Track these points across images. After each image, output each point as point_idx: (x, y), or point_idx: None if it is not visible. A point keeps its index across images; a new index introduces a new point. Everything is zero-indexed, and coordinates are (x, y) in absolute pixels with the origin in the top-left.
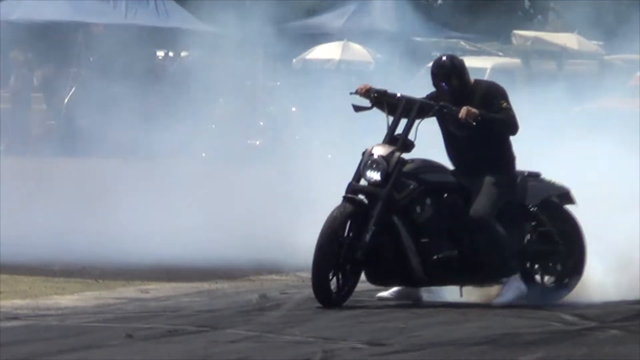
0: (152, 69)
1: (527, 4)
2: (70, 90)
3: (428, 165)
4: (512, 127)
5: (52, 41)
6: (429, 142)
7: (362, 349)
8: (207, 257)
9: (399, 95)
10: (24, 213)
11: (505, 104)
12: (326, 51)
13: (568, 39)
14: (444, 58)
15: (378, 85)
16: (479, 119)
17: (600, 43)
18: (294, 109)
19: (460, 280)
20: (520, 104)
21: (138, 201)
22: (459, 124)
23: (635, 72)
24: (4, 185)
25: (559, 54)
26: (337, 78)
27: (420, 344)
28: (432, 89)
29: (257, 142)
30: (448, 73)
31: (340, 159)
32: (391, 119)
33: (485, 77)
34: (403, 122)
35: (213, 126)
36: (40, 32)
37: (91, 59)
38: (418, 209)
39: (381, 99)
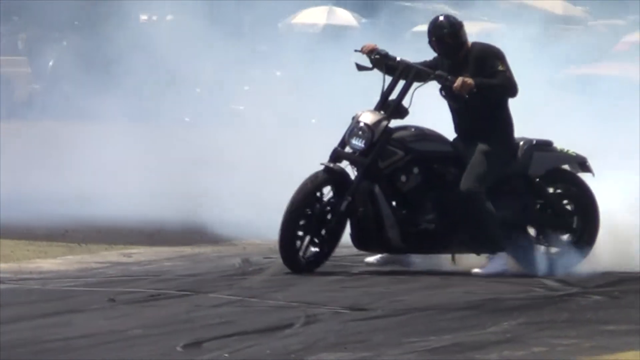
0: (137, 33)
1: None
2: (54, 54)
3: (421, 134)
4: (511, 90)
5: (37, 5)
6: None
7: (344, 313)
8: (189, 221)
9: (398, 59)
10: (5, 176)
11: (501, 65)
12: (311, 15)
13: (553, 4)
14: (441, 17)
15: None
16: (474, 91)
17: (586, 8)
18: (278, 73)
19: (440, 250)
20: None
21: (121, 165)
22: (453, 94)
23: (621, 38)
24: None
25: (544, 18)
26: (322, 42)
27: (403, 309)
28: (418, 54)
29: (241, 107)
30: (443, 33)
31: (324, 123)
32: (387, 83)
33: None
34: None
35: (198, 90)
36: None
37: (76, 23)
38: (403, 178)
39: (381, 61)
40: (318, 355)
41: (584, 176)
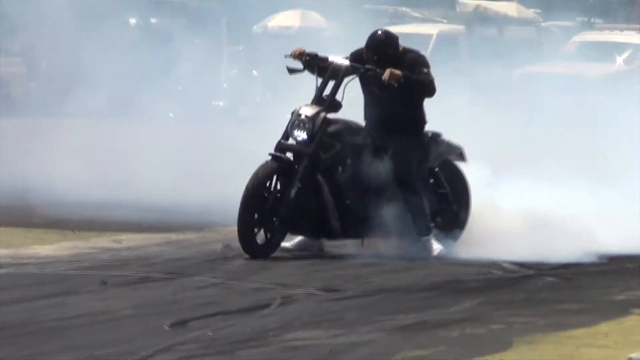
0: (126, 36)
1: None
2: (49, 54)
3: (349, 127)
4: (431, 90)
5: (32, 8)
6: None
7: (318, 294)
8: (175, 209)
9: (329, 58)
10: (2, 170)
11: (426, 70)
12: (285, 18)
13: (508, 7)
14: (379, 32)
15: (333, 49)
16: (402, 81)
17: (538, 10)
18: (254, 72)
19: (374, 235)
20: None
21: (111, 158)
22: (382, 85)
23: (571, 38)
24: None
25: (500, 20)
26: (296, 44)
27: (372, 290)
28: None
29: (221, 103)
30: (381, 46)
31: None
32: (320, 80)
33: (431, 43)
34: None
35: (180, 88)
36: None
37: (68, 26)
38: (340, 168)
39: (312, 62)
40: (294, 333)
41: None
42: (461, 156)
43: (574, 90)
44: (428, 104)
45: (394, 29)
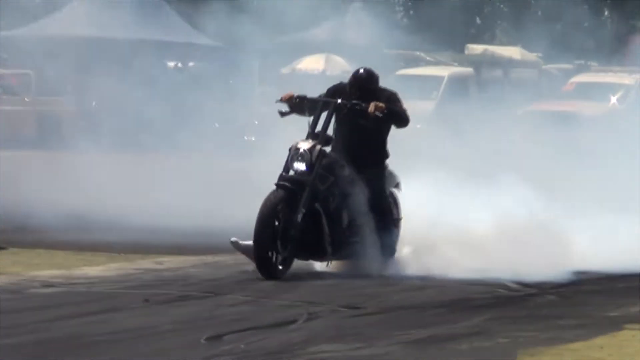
0: (165, 77)
1: (478, 21)
2: (98, 94)
3: (338, 161)
4: (407, 120)
5: (83, 53)
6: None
7: (340, 311)
8: (210, 233)
9: (316, 98)
10: (58, 199)
11: (402, 104)
12: (312, 62)
13: (512, 51)
14: (361, 71)
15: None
16: (385, 112)
17: (539, 54)
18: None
19: (356, 257)
20: (474, 104)
21: (154, 187)
22: (368, 117)
23: (569, 79)
24: (41, 177)
25: (505, 63)
26: (321, 84)
27: (389, 307)
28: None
29: (253, 138)
30: (364, 83)
31: None
32: (312, 118)
33: (443, 84)
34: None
35: (216, 125)
36: (74, 45)
37: (114, 69)
38: (332, 199)
39: (301, 104)
40: (318, 346)
41: None
42: (398, 185)
43: (573, 126)
44: (446, 139)
45: (409, 72)
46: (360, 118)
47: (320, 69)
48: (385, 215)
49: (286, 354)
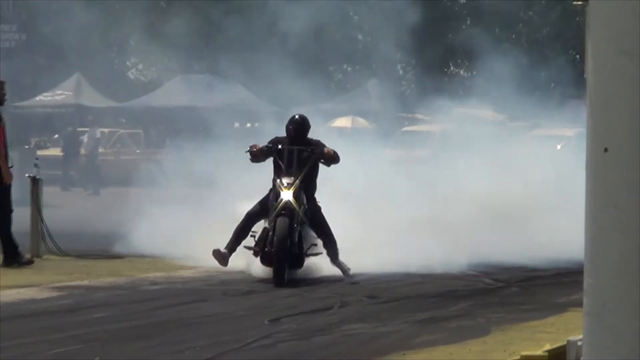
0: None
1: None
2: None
3: (303, 194)
4: (339, 160)
5: (177, 117)
6: None
7: (364, 300)
8: None
9: (280, 146)
10: (158, 224)
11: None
12: (342, 121)
13: (485, 113)
14: (297, 117)
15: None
16: (332, 153)
17: (506, 114)
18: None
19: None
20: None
21: (218, 213)
22: (326, 158)
23: (527, 132)
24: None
25: (480, 121)
26: (348, 140)
27: (399, 297)
28: (405, 145)
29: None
30: (299, 128)
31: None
32: (283, 159)
33: (437, 135)
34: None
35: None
36: (170, 111)
37: (198, 128)
38: (302, 221)
39: (269, 151)
40: (349, 325)
41: None
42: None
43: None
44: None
45: (412, 128)
46: (319, 159)
47: (348, 126)
48: (326, 230)
49: (326, 331)
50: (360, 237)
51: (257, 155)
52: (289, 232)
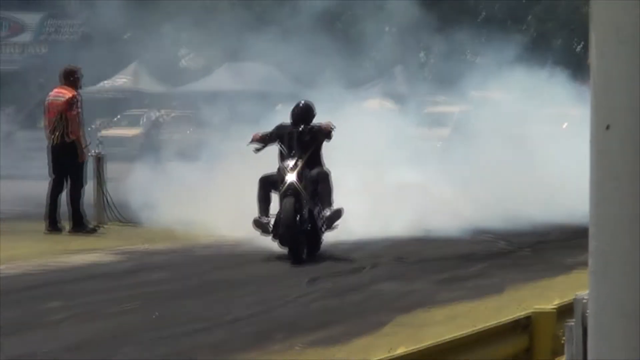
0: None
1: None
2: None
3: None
4: (332, 130)
5: (225, 100)
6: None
7: (393, 261)
8: None
9: (282, 130)
10: (210, 195)
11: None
12: (372, 104)
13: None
14: (302, 103)
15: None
16: (334, 127)
17: None
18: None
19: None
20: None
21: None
22: (324, 134)
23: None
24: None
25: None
26: (377, 118)
27: (423, 259)
28: (430, 122)
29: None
30: (303, 113)
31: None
32: (284, 146)
33: (455, 116)
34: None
35: None
36: (219, 95)
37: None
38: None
39: (270, 138)
40: (378, 284)
41: None
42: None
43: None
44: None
45: (432, 109)
46: (321, 136)
47: (375, 107)
48: (328, 191)
49: (358, 289)
50: (390, 203)
51: (259, 142)
52: (295, 210)
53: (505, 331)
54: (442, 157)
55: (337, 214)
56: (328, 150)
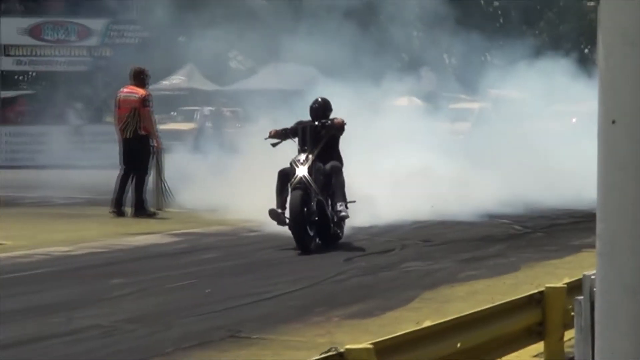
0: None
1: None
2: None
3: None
4: (344, 126)
5: (270, 98)
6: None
7: (419, 244)
8: None
9: (299, 126)
10: (256, 183)
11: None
12: (401, 101)
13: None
14: (319, 99)
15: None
16: (341, 121)
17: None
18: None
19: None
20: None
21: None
22: (337, 128)
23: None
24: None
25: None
26: (404, 113)
27: (447, 240)
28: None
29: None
30: (319, 109)
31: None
32: (297, 138)
33: (475, 112)
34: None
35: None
36: (264, 93)
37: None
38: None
39: (285, 133)
40: (407, 263)
41: None
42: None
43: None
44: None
45: (457, 105)
46: (335, 131)
47: (405, 104)
48: (340, 184)
49: (389, 268)
50: (417, 191)
51: (275, 138)
52: (302, 202)
53: (521, 305)
54: (464, 149)
55: (343, 218)
56: (363, 142)
